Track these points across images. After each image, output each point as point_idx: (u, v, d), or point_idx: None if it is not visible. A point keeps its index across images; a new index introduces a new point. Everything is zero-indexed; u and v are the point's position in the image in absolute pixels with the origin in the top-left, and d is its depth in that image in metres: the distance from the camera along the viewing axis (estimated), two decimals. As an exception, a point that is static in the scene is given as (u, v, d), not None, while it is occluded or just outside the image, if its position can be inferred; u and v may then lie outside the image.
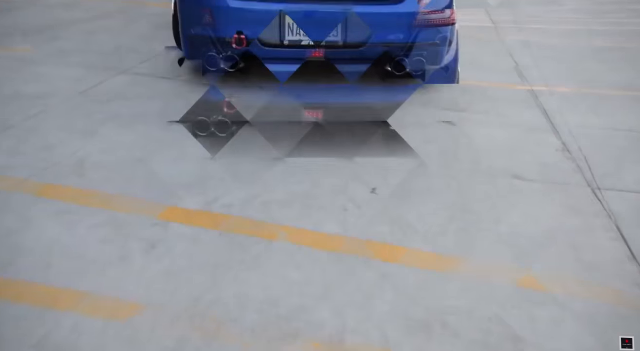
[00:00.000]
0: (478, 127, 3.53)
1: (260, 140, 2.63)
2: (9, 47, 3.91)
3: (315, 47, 2.97)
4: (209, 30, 2.96)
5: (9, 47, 3.93)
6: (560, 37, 7.13)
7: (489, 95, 4.32)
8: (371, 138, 2.79)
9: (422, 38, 3.03)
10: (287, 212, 2.09)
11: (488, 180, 2.71)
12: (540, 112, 3.88)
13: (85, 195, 2.10)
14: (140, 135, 2.61)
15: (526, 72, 5.14)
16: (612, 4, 10.39)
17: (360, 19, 2.91)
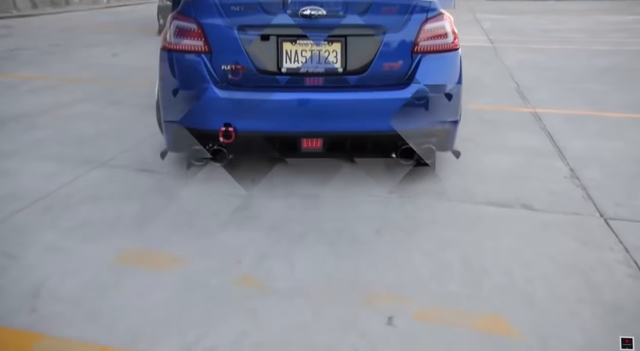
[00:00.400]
0: (483, 153, 3.43)
1: (251, 255, 2.24)
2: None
3: (314, 136, 2.66)
4: (194, 122, 2.66)
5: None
6: (561, 57, 7.10)
7: (491, 118, 4.20)
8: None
9: (432, 123, 2.73)
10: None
11: (497, 211, 2.64)
12: (544, 135, 3.75)
13: (33, 342, 1.68)
14: (110, 248, 2.23)
15: (528, 93, 5.04)
16: (612, 24, 10.60)
17: (362, 106, 2.62)
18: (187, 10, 2.60)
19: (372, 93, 2.63)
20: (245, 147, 2.71)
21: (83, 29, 9.72)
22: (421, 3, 2.65)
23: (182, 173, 2.97)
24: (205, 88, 2.59)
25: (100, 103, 4.53)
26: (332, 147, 2.72)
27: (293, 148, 2.70)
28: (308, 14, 2.51)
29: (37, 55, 6.86)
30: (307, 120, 2.62)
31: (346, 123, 2.63)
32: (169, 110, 2.74)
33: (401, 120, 2.66)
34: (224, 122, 2.58)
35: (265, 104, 2.59)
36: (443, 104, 2.75)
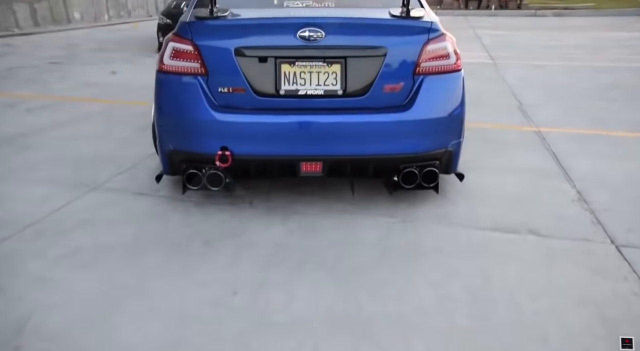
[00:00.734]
0: (487, 174, 3.37)
1: (247, 285, 2.15)
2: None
3: (313, 160, 2.58)
4: (189, 145, 2.59)
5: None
6: (563, 74, 7.05)
7: (494, 137, 4.13)
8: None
9: (434, 146, 2.66)
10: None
11: (503, 236, 2.56)
12: (549, 156, 3.69)
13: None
14: (101, 279, 2.14)
15: (530, 112, 4.97)
16: (612, 40, 10.59)
17: (363, 129, 2.55)
18: (184, 32, 2.55)
19: (373, 116, 2.56)
20: (242, 171, 2.64)
21: (83, 47, 9.73)
22: (423, 24, 2.60)
23: (178, 197, 2.89)
24: (201, 110, 2.52)
25: (98, 123, 4.47)
26: (332, 171, 2.64)
27: (292, 172, 2.63)
28: (307, 35, 2.46)
29: (37, 74, 6.84)
30: (306, 143, 2.55)
31: (346, 147, 2.56)
32: (164, 133, 2.68)
33: (403, 143, 2.59)
34: (220, 146, 2.51)
35: (263, 127, 2.53)
36: (446, 126, 2.69)
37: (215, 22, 2.54)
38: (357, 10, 2.78)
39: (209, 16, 2.53)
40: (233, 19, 2.56)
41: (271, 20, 2.58)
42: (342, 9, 2.80)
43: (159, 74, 2.63)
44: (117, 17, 16.93)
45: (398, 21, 2.58)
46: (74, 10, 14.89)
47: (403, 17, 2.58)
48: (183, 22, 2.59)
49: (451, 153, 2.74)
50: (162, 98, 2.65)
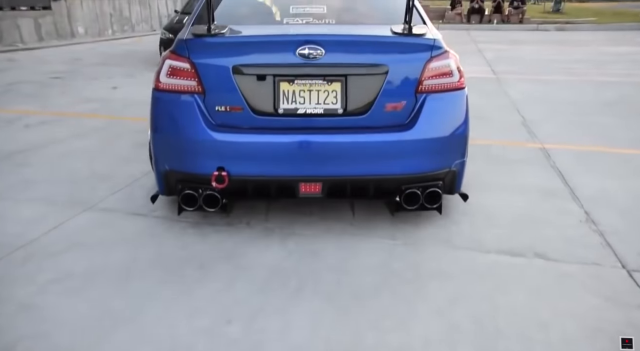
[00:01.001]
0: (491, 193, 3.29)
1: (242, 312, 2.06)
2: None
3: (312, 181, 2.51)
4: (185, 165, 2.52)
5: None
6: (566, 88, 6.98)
7: (498, 154, 4.06)
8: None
9: (437, 166, 2.58)
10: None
11: (509, 260, 2.47)
12: (555, 174, 3.60)
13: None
14: (91, 305, 2.05)
15: (534, 128, 4.89)
16: (614, 55, 10.52)
17: (364, 149, 2.48)
18: (180, 49, 2.50)
19: (374, 135, 2.49)
20: (239, 192, 2.56)
21: (86, 62, 9.74)
22: (425, 41, 2.54)
23: (174, 218, 2.82)
24: (197, 130, 2.46)
25: (96, 139, 4.42)
26: (332, 192, 2.57)
27: (291, 194, 2.55)
28: (306, 53, 2.40)
29: (37, 89, 6.82)
30: (305, 163, 2.47)
31: (347, 167, 2.48)
32: (159, 153, 2.61)
33: (405, 163, 2.52)
34: (217, 166, 2.44)
35: (260, 147, 2.46)
36: (449, 145, 2.61)
37: (212, 40, 2.49)
38: (357, 27, 2.73)
39: (206, 33, 2.48)
40: (231, 36, 2.51)
41: (270, 38, 2.52)
42: (342, 26, 2.75)
43: (155, 92, 2.57)
44: (121, 31, 17.02)
45: (400, 38, 2.52)
46: (78, 25, 14.97)
47: (405, 34, 2.52)
48: (180, 39, 2.54)
49: (455, 173, 2.66)
50: (157, 117, 2.59)
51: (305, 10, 2.84)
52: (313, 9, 2.86)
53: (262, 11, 2.98)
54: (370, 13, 3.01)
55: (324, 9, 2.86)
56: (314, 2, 2.98)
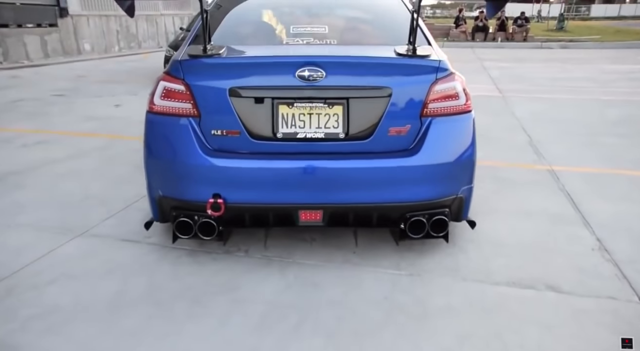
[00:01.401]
0: (499, 218, 3.16)
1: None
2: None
3: (313, 208, 2.39)
4: (179, 192, 2.41)
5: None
6: (571, 108, 6.87)
7: (506, 176, 3.93)
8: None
9: (444, 192, 2.46)
10: None
11: (519, 293, 2.33)
12: (564, 198, 3.46)
13: None
14: (74, 346, 1.92)
15: (542, 148, 4.76)
16: (617, 73, 10.40)
17: (367, 175, 2.36)
18: (175, 71, 2.41)
19: (378, 161, 2.37)
20: (236, 220, 2.45)
21: (90, 79, 9.74)
22: (430, 62, 2.44)
23: (169, 245, 2.69)
24: (192, 154, 2.36)
25: (93, 160, 4.33)
26: (334, 220, 2.44)
27: (290, 222, 2.43)
28: (306, 75, 2.30)
29: (39, 107, 6.77)
30: (305, 190, 2.36)
31: (349, 194, 2.36)
32: (153, 178, 2.51)
33: (410, 189, 2.40)
34: (212, 193, 2.33)
35: (258, 173, 2.35)
36: (456, 171, 2.49)
37: (208, 61, 2.40)
38: (360, 48, 2.64)
39: (202, 54, 2.39)
40: (227, 57, 2.42)
41: (268, 59, 2.43)
42: (344, 46, 2.66)
43: (148, 114, 2.48)
44: (128, 48, 17.13)
45: (404, 60, 2.42)
46: (84, 42, 15.07)
47: (409, 55, 2.42)
48: (175, 60, 2.45)
49: (462, 200, 2.54)
50: (151, 141, 2.49)
51: (306, 30, 2.75)
52: (314, 29, 2.77)
53: (261, 31, 2.89)
54: (373, 33, 2.92)
55: (325, 29, 2.77)
56: (315, 22, 2.89)
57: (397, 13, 3.00)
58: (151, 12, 18.12)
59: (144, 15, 17.82)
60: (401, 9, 3.02)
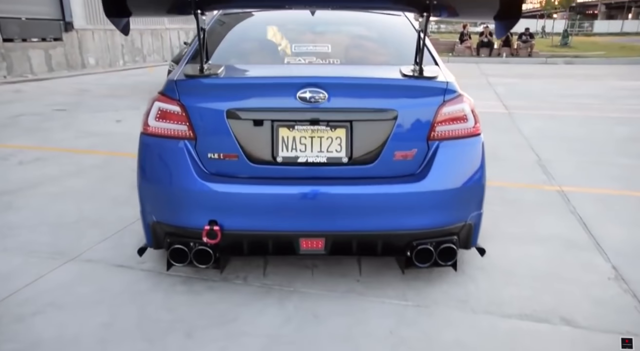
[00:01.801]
0: (509, 243, 3.02)
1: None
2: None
3: (314, 236, 2.26)
4: (174, 218, 2.30)
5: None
6: (579, 125, 6.75)
7: (515, 198, 3.79)
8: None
9: (452, 219, 2.33)
10: None
11: (532, 327, 2.19)
12: (576, 221, 3.33)
13: None
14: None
15: (550, 168, 4.63)
16: (625, 90, 10.28)
17: (371, 201, 2.24)
18: (170, 91, 2.31)
19: (383, 187, 2.25)
20: (234, 248, 2.32)
21: (93, 93, 9.71)
22: (437, 84, 2.33)
23: (164, 271, 2.57)
24: (187, 179, 2.24)
25: (90, 178, 4.22)
26: (337, 248, 2.32)
27: (290, 250, 2.30)
28: (308, 96, 2.19)
29: (39, 122, 6.71)
30: (306, 217, 2.24)
31: (352, 221, 2.24)
32: (147, 202, 2.39)
33: (416, 216, 2.28)
34: (208, 219, 2.21)
35: (257, 199, 2.23)
36: (465, 197, 2.37)
37: (205, 81, 2.30)
38: (364, 68, 2.54)
39: (198, 74, 2.29)
40: (225, 77, 2.32)
41: (268, 80, 2.33)
42: (347, 66, 2.56)
43: (142, 136, 2.38)
44: (133, 62, 17.19)
45: (410, 81, 2.32)
46: (89, 56, 15.12)
47: (415, 76, 2.32)
48: (170, 80, 2.35)
49: (471, 227, 2.41)
50: (145, 164, 2.38)
51: (308, 48, 2.66)
52: (316, 47, 2.68)
53: (261, 49, 2.80)
54: (378, 52, 2.82)
55: (328, 48, 2.67)
56: (318, 40, 2.80)
57: (402, 31, 2.91)
58: (157, 26, 18.22)
59: (149, 29, 17.91)
60: (406, 27, 2.93)
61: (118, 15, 2.26)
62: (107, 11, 2.18)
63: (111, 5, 2.17)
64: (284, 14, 3.06)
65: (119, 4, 2.15)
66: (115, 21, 2.30)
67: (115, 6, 2.17)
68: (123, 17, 2.31)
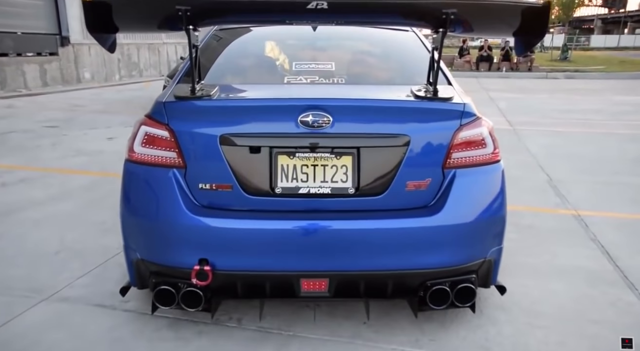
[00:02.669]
0: (529, 277, 2.75)
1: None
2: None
3: (317, 276, 2.01)
4: (160, 256, 2.05)
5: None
6: (587, 142, 6.55)
7: (529, 223, 3.54)
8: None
9: (470, 256, 2.09)
10: None
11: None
12: (598, 250, 3.10)
13: None
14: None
15: (563, 189, 4.40)
16: (628, 105, 10.11)
17: (380, 237, 1.99)
18: (158, 114, 2.07)
19: (393, 221, 2.01)
20: (227, 289, 2.07)
21: (87, 109, 9.49)
22: (454, 106, 2.10)
23: (147, 313, 2.30)
24: (175, 212, 2.00)
25: (76, 202, 3.97)
26: (342, 290, 2.06)
27: (290, 292, 2.05)
28: (310, 120, 1.96)
29: (28, 140, 6.46)
30: (308, 255, 1.99)
31: (359, 260, 1.99)
32: (130, 237, 2.15)
33: (431, 254, 2.03)
34: (198, 258, 1.96)
35: (253, 235, 1.99)
36: (484, 231, 2.13)
37: (196, 103, 2.06)
38: (371, 89, 2.31)
39: (190, 95, 2.06)
40: (219, 99, 2.09)
41: (266, 102, 2.09)
42: (353, 86, 2.33)
43: (127, 163, 2.13)
44: (129, 76, 17.02)
45: (424, 103, 2.09)
46: (84, 71, 14.94)
47: (429, 97, 2.09)
48: (158, 101, 2.12)
49: (491, 264, 2.17)
50: (129, 194, 2.14)
51: (310, 67, 2.43)
52: (319, 65, 2.45)
53: (259, 68, 2.58)
54: (386, 71, 2.60)
55: (332, 66, 2.45)
56: (321, 57, 2.58)
57: (411, 47, 2.70)
58: (154, 40, 18.10)
59: (146, 44, 17.78)
60: (415, 43, 2.72)
61: (103, 31, 2.03)
62: (90, 26, 1.95)
63: (95, 20, 1.94)
64: (284, 29, 2.84)
65: (104, 19, 1.92)
66: (100, 38, 2.07)
67: (99, 21, 1.94)
68: (109, 33, 2.08)
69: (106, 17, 1.90)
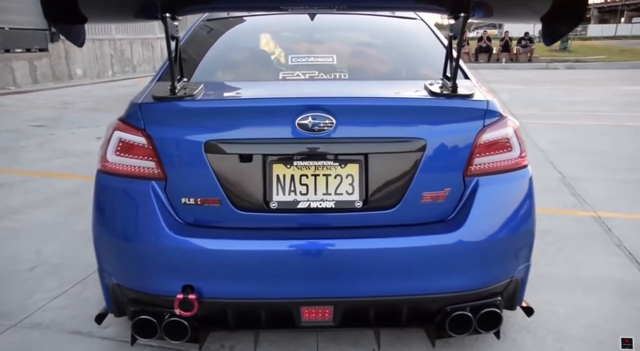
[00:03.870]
0: (554, 292, 2.49)
1: None
2: None
3: (319, 304, 1.74)
4: (138, 282, 1.77)
5: None
6: (596, 136, 6.32)
7: (547, 228, 3.30)
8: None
9: (496, 277, 1.82)
10: None
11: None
12: (626, 258, 2.89)
13: None
14: None
15: (578, 188, 4.15)
16: (633, 95, 9.85)
17: (393, 258, 1.72)
18: (134, 118, 1.79)
19: (407, 239, 1.73)
20: (216, 319, 1.79)
21: (77, 106, 9.18)
22: (476, 104, 1.82)
23: (127, 340, 2.02)
24: (154, 231, 1.72)
25: (58, 209, 3.69)
26: (348, 319, 1.79)
27: (289, 321, 1.78)
28: (309, 123, 1.68)
29: (13, 140, 6.17)
30: (309, 280, 1.71)
31: (368, 284, 1.72)
32: (104, 259, 1.87)
33: (451, 275, 1.76)
34: (182, 285, 1.68)
35: (245, 257, 1.71)
36: (511, 247, 1.86)
37: (177, 105, 1.78)
38: (379, 85, 2.03)
39: (169, 96, 1.77)
40: (204, 99, 1.80)
41: (258, 102, 1.80)
42: (358, 82, 2.05)
43: (99, 174, 1.86)
44: (122, 72, 16.67)
45: (441, 101, 1.80)
46: (76, 67, 14.60)
47: (448, 94, 1.80)
48: (133, 103, 1.83)
49: (517, 284, 1.90)
50: (102, 210, 1.86)
51: (308, 60, 2.14)
52: (318, 59, 2.16)
53: (251, 63, 2.29)
54: (395, 64, 2.31)
55: (333, 59, 2.16)
56: (320, 50, 2.29)
57: (420, 37, 2.41)
58: (147, 35, 17.73)
59: (139, 39, 17.42)
60: (424, 32, 2.43)
61: (67, 21, 1.74)
62: (49, 16, 1.66)
63: (55, 7, 1.65)
64: (278, 18, 2.55)
65: (67, 5, 1.62)
66: (65, 29, 1.78)
67: (61, 8, 1.65)
68: (75, 24, 1.79)
69: (70, 4, 1.61)
